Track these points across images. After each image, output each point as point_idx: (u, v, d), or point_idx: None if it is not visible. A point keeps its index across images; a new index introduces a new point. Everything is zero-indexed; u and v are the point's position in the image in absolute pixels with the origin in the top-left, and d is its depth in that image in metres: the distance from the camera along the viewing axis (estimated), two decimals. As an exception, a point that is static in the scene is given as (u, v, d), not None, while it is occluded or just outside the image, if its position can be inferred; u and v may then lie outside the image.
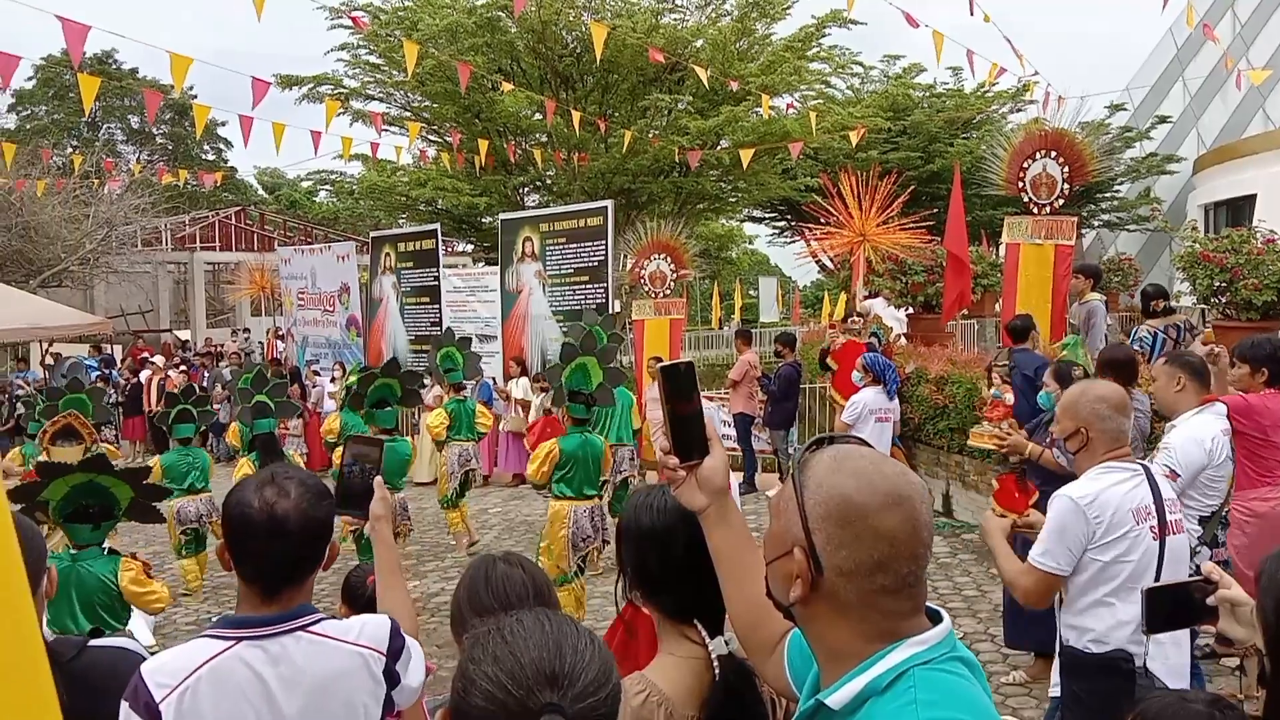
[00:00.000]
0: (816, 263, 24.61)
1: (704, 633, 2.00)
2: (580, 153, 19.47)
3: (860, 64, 25.36)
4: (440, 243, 15.69)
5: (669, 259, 12.64)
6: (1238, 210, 17.14)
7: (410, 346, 15.39)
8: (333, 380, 14.75)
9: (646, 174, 20.31)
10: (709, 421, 1.82)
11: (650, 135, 19.08)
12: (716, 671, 1.91)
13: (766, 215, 28.94)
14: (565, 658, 1.24)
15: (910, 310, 13.65)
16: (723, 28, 20.19)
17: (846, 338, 10.17)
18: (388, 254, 15.87)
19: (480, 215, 22.42)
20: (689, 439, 1.78)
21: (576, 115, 14.92)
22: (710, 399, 13.12)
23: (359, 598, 3.46)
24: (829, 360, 9.88)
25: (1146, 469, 3.22)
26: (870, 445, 1.49)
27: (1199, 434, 4.25)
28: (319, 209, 40.09)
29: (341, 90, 21.25)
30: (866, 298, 13.33)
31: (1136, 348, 7.56)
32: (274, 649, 2.01)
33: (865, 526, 1.33)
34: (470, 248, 27.64)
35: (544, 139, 21.25)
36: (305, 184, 34.23)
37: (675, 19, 21.19)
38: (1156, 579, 2.94)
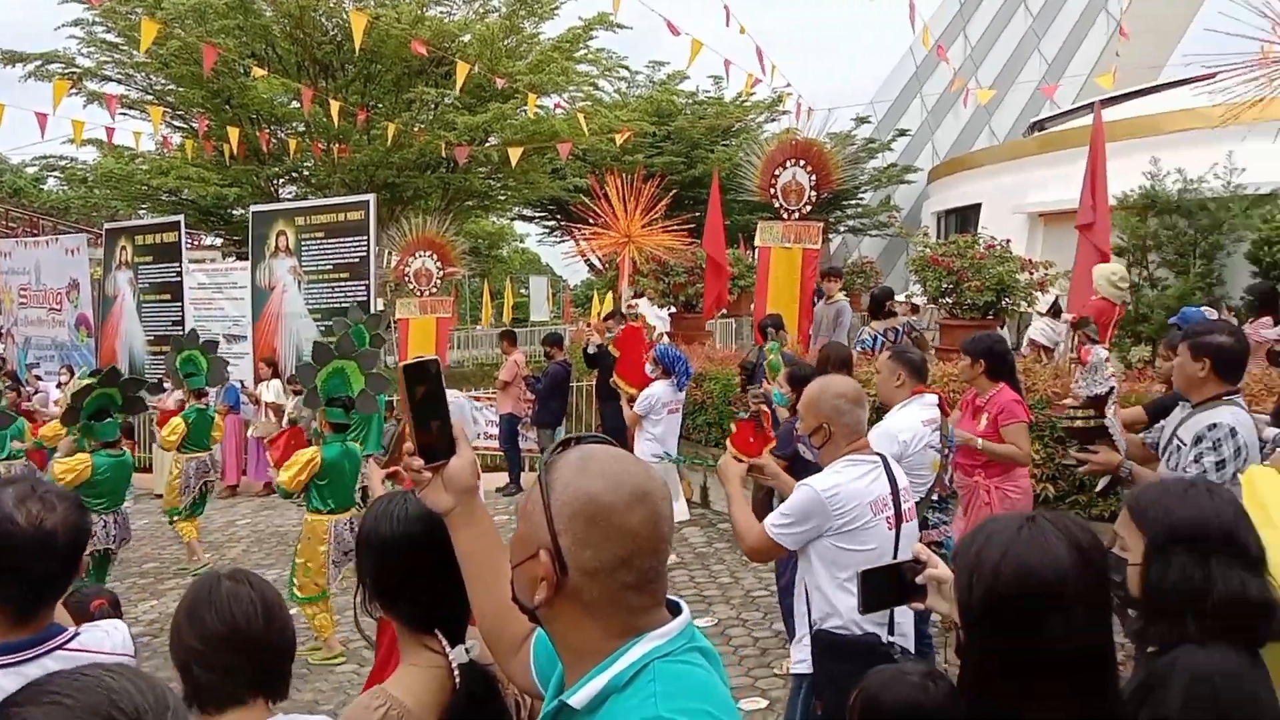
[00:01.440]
0: (585, 262, 24.87)
1: (445, 642, 1.96)
2: (340, 144, 18.76)
3: (627, 68, 25.83)
4: (184, 236, 14.68)
5: (435, 256, 12.40)
6: (965, 218, 18.73)
7: (149, 348, 14.29)
8: (59, 386, 13.50)
9: (412, 168, 19.83)
10: (455, 420, 1.78)
11: (416, 129, 18.64)
12: (458, 680, 1.89)
13: (536, 214, 29.01)
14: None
15: (673, 310, 14.04)
16: (491, 24, 20.00)
17: (616, 330, 10.32)
18: (124, 247, 14.67)
19: (230, 207, 21.21)
20: (434, 439, 1.74)
21: (335, 105, 14.35)
22: (479, 399, 12.97)
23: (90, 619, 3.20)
24: (610, 348, 9.94)
25: (884, 459, 3.41)
26: (613, 442, 1.50)
27: (894, 427, 4.56)
28: (47, 198, 36.55)
29: (74, 69, 19.46)
30: (634, 298, 13.59)
31: (859, 348, 8.13)
32: (34, 673, 1.81)
33: (611, 525, 1.33)
34: (219, 241, 26.06)
35: (301, 128, 20.33)
36: (30, 170, 31.08)
37: (442, 12, 20.80)
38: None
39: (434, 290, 12.31)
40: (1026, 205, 15.17)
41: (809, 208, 9.77)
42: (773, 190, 9.78)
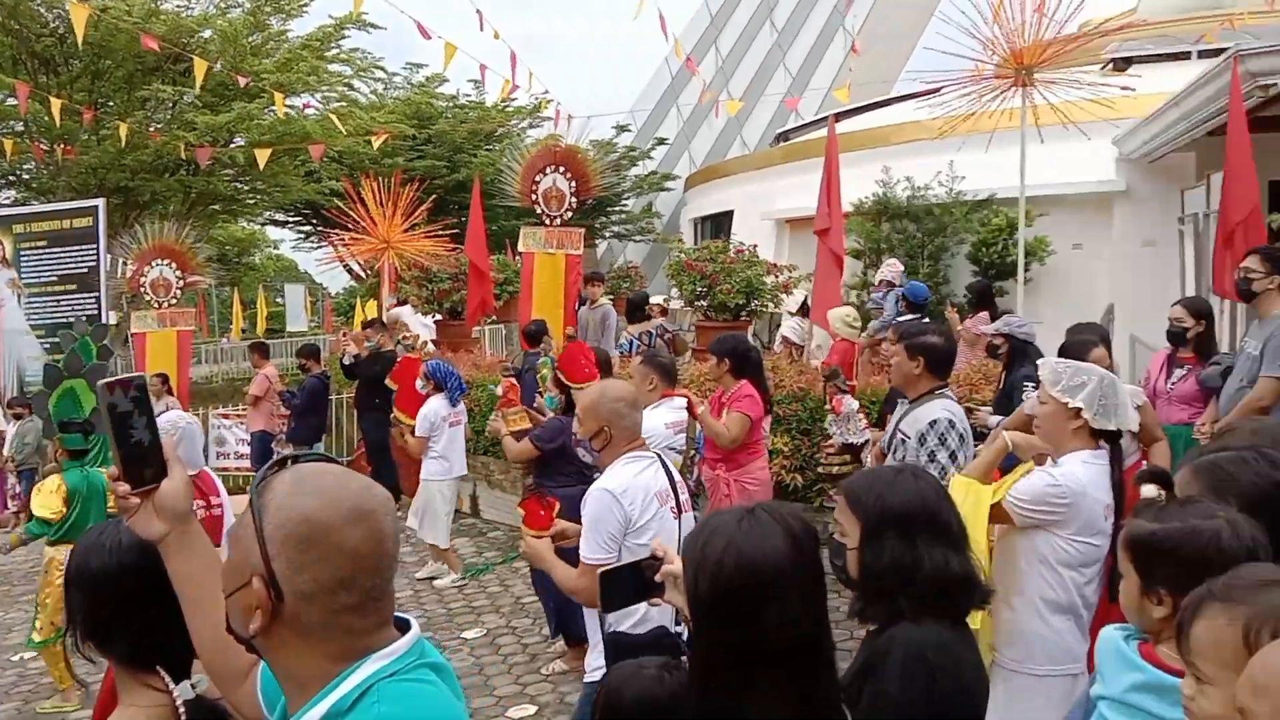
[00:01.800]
0: (345, 269, 24.03)
1: (168, 679, 1.84)
2: (65, 145, 17.22)
3: (383, 69, 25.18)
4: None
5: (174, 265, 11.59)
6: (720, 224, 19.46)
7: None
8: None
9: (148, 171, 18.49)
10: (165, 441, 1.67)
11: (151, 129, 17.39)
12: (184, 719, 1.77)
13: (290, 219, 27.71)
14: None
15: (438, 317, 13.80)
16: (234, 20, 18.97)
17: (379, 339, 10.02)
18: None
19: (-63, 213, 18.98)
20: (141, 462, 1.63)
21: (57, 103, 13.15)
22: (228, 417, 12.26)
23: None
24: (388, 381, 9.56)
25: (659, 456, 3.51)
26: (334, 460, 1.44)
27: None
28: None
29: None
30: (394, 305, 13.24)
31: (619, 352, 8.33)
32: None
33: (329, 545, 1.28)
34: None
35: (20, 128, 18.51)
36: None
37: (179, 6, 19.52)
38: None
39: (174, 301, 11.50)
40: (774, 212, 15.95)
41: (570, 213, 9.86)
42: (534, 196, 9.80)
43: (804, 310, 9.80)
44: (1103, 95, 7.69)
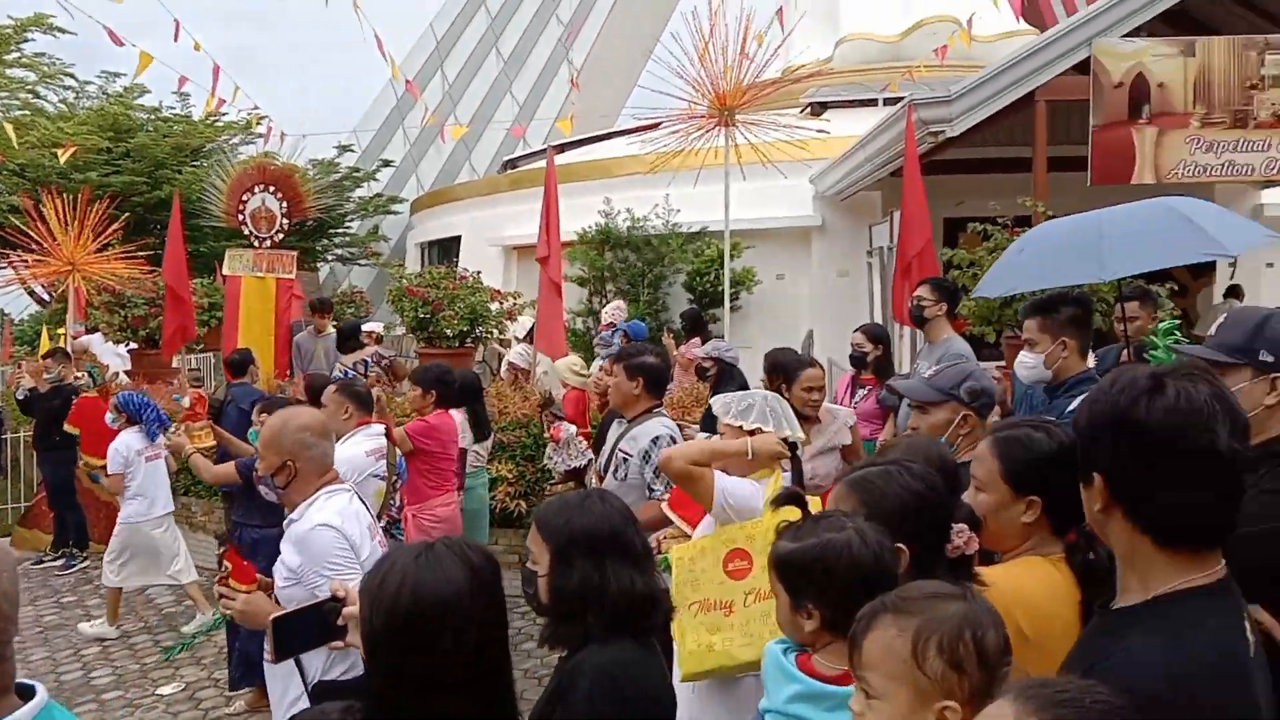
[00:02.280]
0: (28, 292, 21.67)
1: None
2: None
3: (73, 76, 23.04)
4: None
5: None
6: (448, 249, 19.22)
7: None
8: None
9: None
10: None
11: None
12: None
13: (-38, 237, 24.71)
14: None
15: (133, 345, 12.68)
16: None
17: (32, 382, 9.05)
18: None
19: None
20: None
21: None
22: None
23: None
24: (67, 426, 8.61)
25: (353, 490, 3.32)
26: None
27: (340, 458, 4.56)
28: None
29: None
30: (81, 333, 12.09)
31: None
32: None
33: None
34: None
35: None
36: None
37: None
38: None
39: None
40: (501, 238, 15.97)
41: (282, 235, 9.40)
42: (241, 216, 9.27)
43: (529, 337, 9.86)
44: (799, 137, 8.28)
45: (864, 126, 10.87)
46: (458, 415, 5.72)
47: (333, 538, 3.02)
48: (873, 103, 15.06)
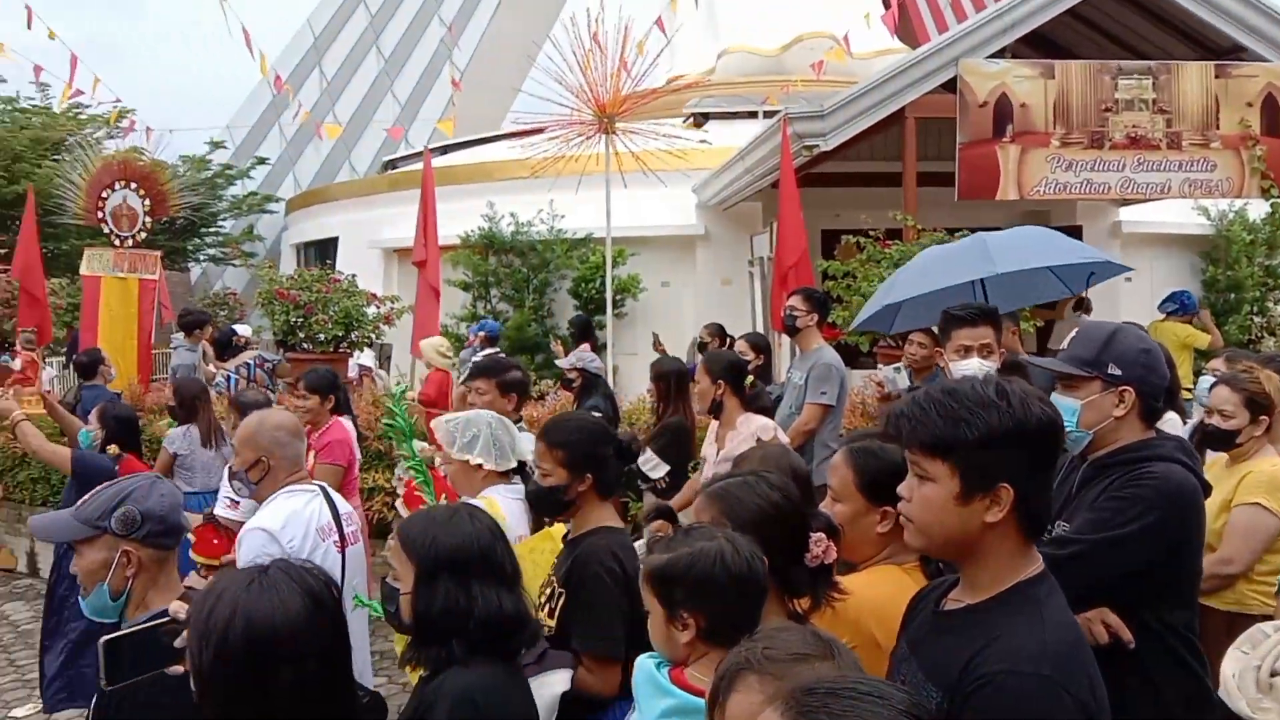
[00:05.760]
0: None
1: None
2: None
3: (-82, 62, 21.60)
4: None
5: None
6: (325, 250, 18.69)
7: None
8: None
9: None
10: None
11: None
12: None
13: None
14: None
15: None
16: None
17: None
18: None
19: None
20: None
21: None
22: None
23: None
24: None
25: (324, 488, 3.32)
26: None
27: None
28: None
29: None
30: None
31: (215, 390, 7.83)
32: None
33: None
34: None
35: None
36: None
37: None
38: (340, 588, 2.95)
39: None
40: (381, 241, 15.63)
41: (145, 234, 9.01)
42: (101, 214, 8.85)
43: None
44: (680, 146, 8.36)
45: (744, 138, 11.04)
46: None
47: (262, 542, 3.02)
48: (753, 115, 15.32)
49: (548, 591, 2.73)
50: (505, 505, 3.08)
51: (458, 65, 29.21)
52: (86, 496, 2.33)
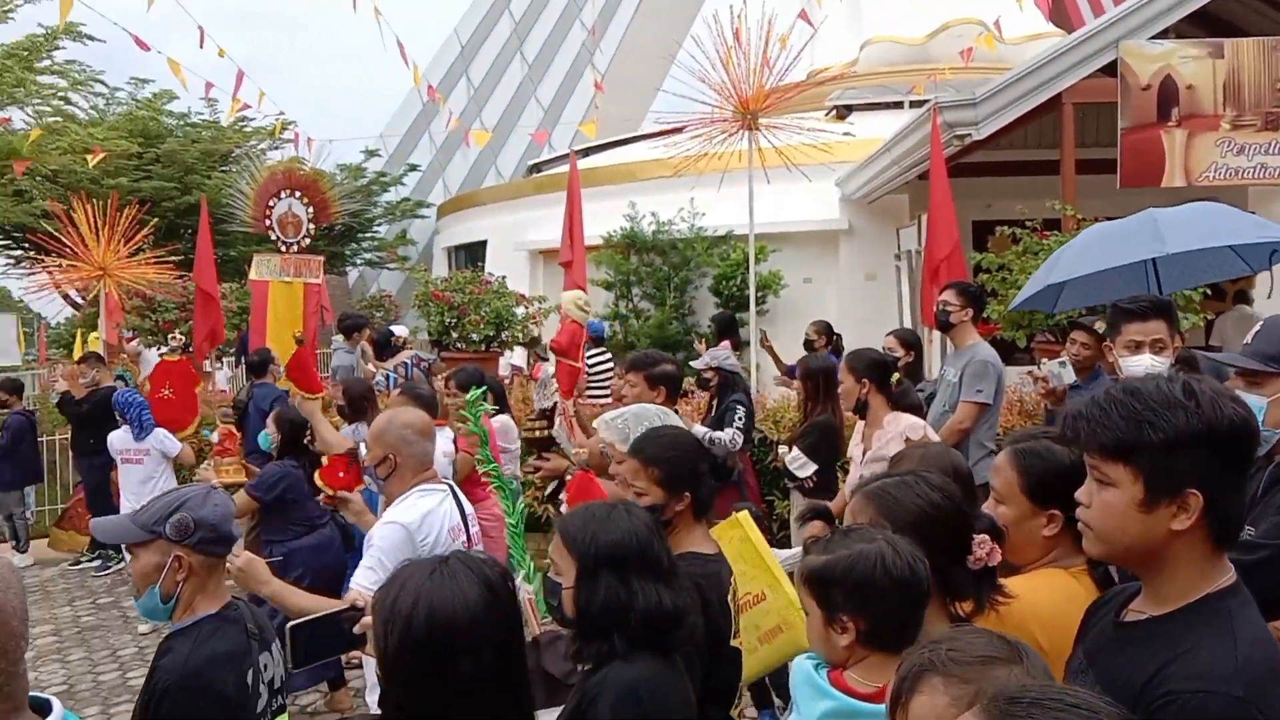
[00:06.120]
0: (62, 297, 21.97)
1: None
2: None
3: (103, 83, 23.31)
4: None
5: None
6: (474, 253, 19.27)
7: None
8: None
9: None
10: None
11: None
12: None
13: (-1, 243, 25.03)
14: None
15: (164, 349, 12.84)
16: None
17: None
18: None
19: None
20: None
21: None
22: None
23: None
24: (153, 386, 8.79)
25: (452, 488, 3.40)
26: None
27: None
28: None
29: None
30: (131, 339, 12.30)
31: (378, 388, 8.16)
32: None
33: None
34: None
35: None
36: None
37: None
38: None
39: None
40: (527, 243, 16.01)
41: (309, 240, 9.47)
42: (268, 221, 9.34)
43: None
44: (824, 140, 8.25)
45: (889, 129, 10.81)
46: (505, 419, 5.81)
47: (399, 538, 3.11)
48: (898, 105, 14.99)
49: None
50: None
51: (598, 68, 29.57)
52: (146, 503, 2.45)
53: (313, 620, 2.04)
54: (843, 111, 14.67)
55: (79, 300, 20.57)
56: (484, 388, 4.34)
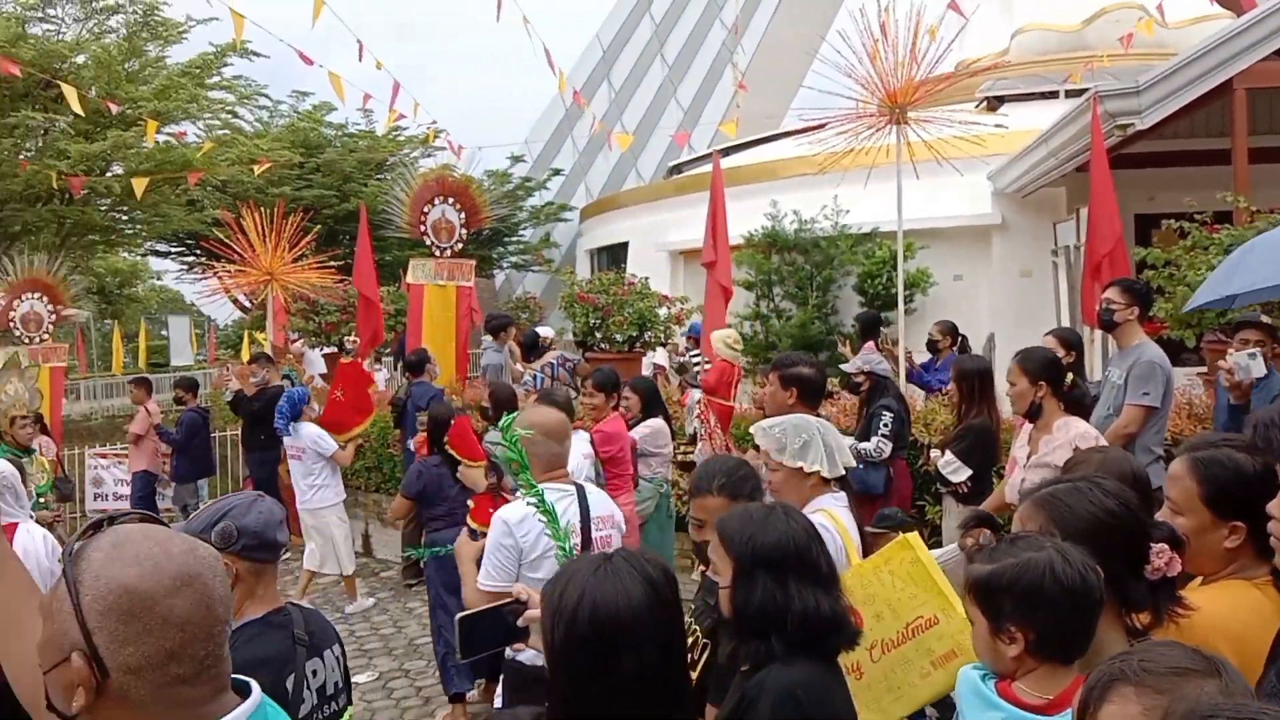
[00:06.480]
0: (231, 300, 23.35)
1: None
2: (-75, 174, 16.41)
3: (267, 97, 24.67)
4: None
5: (46, 298, 11.09)
6: (615, 255, 19.51)
7: None
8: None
9: (18, 201, 17.69)
10: None
11: (20, 157, 16.66)
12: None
13: (173, 249, 26.81)
14: None
15: (327, 350, 13.50)
16: (108, 45, 18.35)
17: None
18: None
19: None
20: None
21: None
22: (105, 456, 11.74)
23: None
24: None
25: (580, 489, 3.45)
26: (160, 520, 1.38)
27: None
28: None
29: None
30: (296, 340, 12.98)
31: (524, 389, 8.36)
32: None
33: (154, 617, 1.22)
34: None
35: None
36: None
37: (49, 30, 18.79)
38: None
39: (46, 337, 10.98)
40: (668, 244, 16.11)
41: (461, 244, 9.78)
42: (423, 227, 9.69)
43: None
44: (975, 132, 8.01)
45: (1044, 120, 10.41)
46: (648, 423, 5.90)
47: (500, 532, 3.22)
48: (1053, 95, 14.41)
49: (690, 639, 2.57)
50: (845, 517, 3.03)
51: (738, 67, 29.48)
52: (196, 512, 2.54)
53: (480, 612, 2.13)
54: (994, 103, 14.20)
55: (247, 304, 21.81)
56: (515, 412, 4.39)
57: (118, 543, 1.28)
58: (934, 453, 5.69)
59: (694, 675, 2.54)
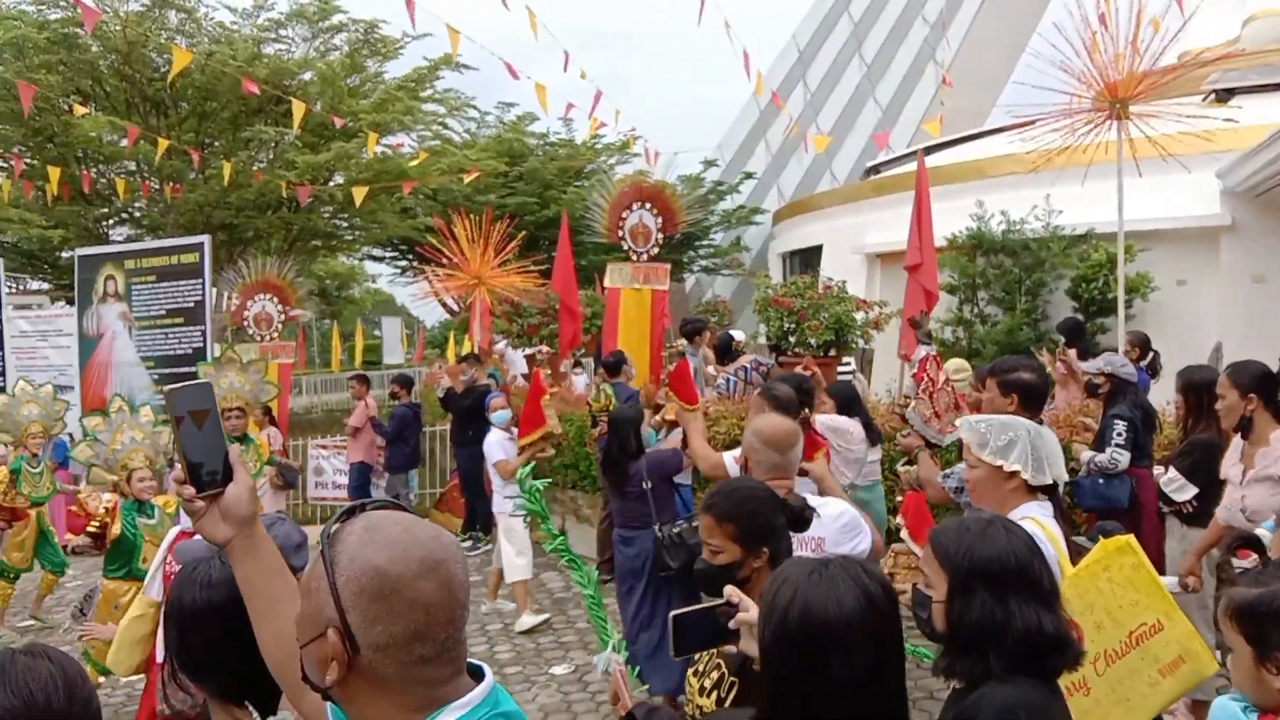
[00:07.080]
0: (440, 303, 24.57)
1: (255, 714, 1.90)
2: (174, 184, 18.03)
3: (475, 108, 25.79)
4: (2, 280, 13.76)
5: (275, 299, 11.97)
6: (808, 258, 19.26)
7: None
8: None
9: (251, 208, 19.22)
10: (232, 447, 1.72)
11: (254, 168, 18.10)
12: (268, 752, 1.84)
13: (387, 254, 28.47)
14: None
15: (528, 351, 13.96)
16: (332, 62, 19.68)
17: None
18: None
19: (56, 250, 20.08)
20: (206, 466, 1.67)
21: (163, 143, 13.78)
22: (326, 447, 12.55)
23: None
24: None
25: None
26: (404, 508, 1.46)
27: None
28: None
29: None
30: (501, 341, 13.54)
31: (716, 393, 8.38)
32: None
33: (401, 599, 1.30)
34: (47, 286, 24.60)
35: (132, 168, 19.47)
36: None
37: (280, 50, 20.32)
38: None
39: (276, 334, 11.86)
40: (865, 246, 15.77)
41: (657, 249, 9.91)
42: (621, 232, 9.88)
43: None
44: (1203, 127, 7.45)
45: (1283, 112, 9.59)
46: (854, 424, 5.82)
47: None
48: (1292, 85, 13.24)
49: (714, 676, 2.43)
50: (1054, 527, 2.87)
51: (940, 64, 28.55)
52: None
53: (694, 611, 2.15)
54: (1224, 95, 13.16)
55: (455, 306, 22.90)
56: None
57: (370, 527, 1.36)
58: (1157, 469, 5.34)
59: (709, 706, 2.41)
